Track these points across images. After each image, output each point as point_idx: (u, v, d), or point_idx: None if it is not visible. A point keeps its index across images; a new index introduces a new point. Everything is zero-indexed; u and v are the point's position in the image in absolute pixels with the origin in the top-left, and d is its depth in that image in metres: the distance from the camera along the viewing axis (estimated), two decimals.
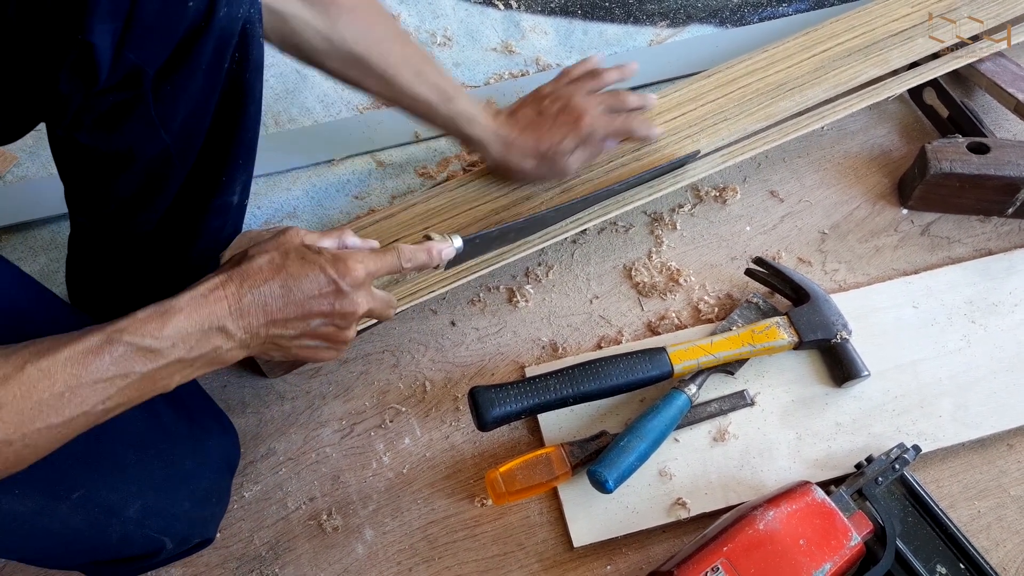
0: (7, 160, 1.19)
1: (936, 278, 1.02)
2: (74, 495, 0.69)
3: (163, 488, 0.78)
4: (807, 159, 1.15)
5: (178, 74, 0.68)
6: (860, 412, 0.93)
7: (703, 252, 1.07)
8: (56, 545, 0.73)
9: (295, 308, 0.65)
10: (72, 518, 0.70)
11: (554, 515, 0.90)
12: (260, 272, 0.64)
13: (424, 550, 0.89)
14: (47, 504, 0.68)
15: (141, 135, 0.71)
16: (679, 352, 0.91)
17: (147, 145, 0.72)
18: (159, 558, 0.83)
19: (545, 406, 0.88)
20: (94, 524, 0.72)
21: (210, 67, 0.70)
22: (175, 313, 0.60)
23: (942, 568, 0.83)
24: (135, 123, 0.70)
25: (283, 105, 1.24)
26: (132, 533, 0.76)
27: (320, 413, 0.97)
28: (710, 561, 0.76)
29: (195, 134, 0.75)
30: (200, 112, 0.73)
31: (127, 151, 0.72)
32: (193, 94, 0.71)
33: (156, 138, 0.72)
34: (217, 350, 0.63)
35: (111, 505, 0.73)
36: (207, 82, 0.71)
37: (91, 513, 0.71)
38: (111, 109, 0.69)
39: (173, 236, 0.83)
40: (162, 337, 0.59)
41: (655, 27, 1.32)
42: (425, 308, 1.04)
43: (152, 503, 0.76)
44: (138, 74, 0.65)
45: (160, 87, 0.68)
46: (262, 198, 1.13)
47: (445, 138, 1.21)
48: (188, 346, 0.61)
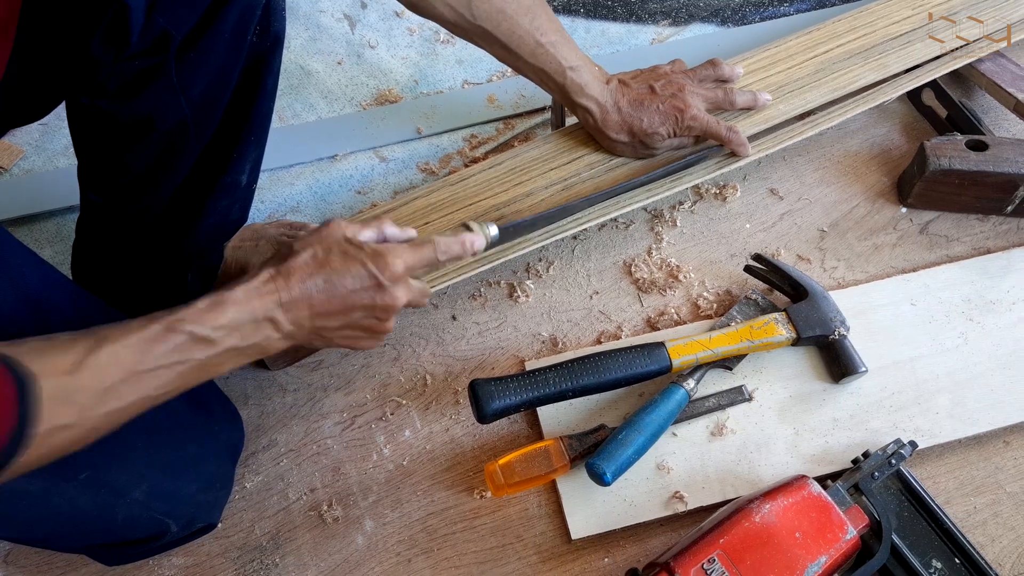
0: (14, 154, 1.20)
1: (934, 276, 1.03)
2: (82, 475, 0.71)
3: (170, 471, 0.79)
4: (807, 157, 1.16)
5: (202, 41, 0.70)
6: (857, 408, 0.94)
7: (703, 249, 1.08)
8: (63, 525, 0.75)
9: (338, 302, 0.69)
10: (80, 498, 0.72)
11: (552, 508, 0.91)
12: (305, 267, 0.68)
13: (423, 541, 0.90)
14: (55, 484, 0.70)
15: (162, 103, 0.73)
16: (678, 347, 0.92)
17: (167, 114, 0.74)
18: (163, 541, 0.84)
19: (544, 399, 0.89)
20: (101, 505, 0.74)
21: (233, 37, 0.72)
22: (230, 304, 0.65)
23: (937, 563, 0.83)
24: (157, 90, 0.72)
25: (287, 101, 1.25)
26: (138, 515, 0.77)
27: (321, 405, 0.98)
28: (706, 553, 0.77)
29: (214, 106, 0.76)
30: (220, 83, 0.75)
31: (147, 119, 0.74)
32: (215, 64, 0.73)
33: (176, 107, 0.74)
34: (267, 339, 0.67)
35: (118, 486, 0.74)
36: (229, 53, 0.73)
37: (98, 494, 0.73)
38: (136, 75, 0.70)
39: (181, 214, 0.84)
40: (218, 327, 0.64)
41: (657, 26, 1.33)
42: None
43: (158, 485, 0.78)
44: (166, 39, 0.67)
45: (184, 54, 0.70)
46: (266, 192, 1.14)
47: (447, 134, 1.22)
48: (241, 335, 0.65)
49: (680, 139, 1.00)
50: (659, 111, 0.97)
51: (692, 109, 0.98)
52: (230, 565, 0.89)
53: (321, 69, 1.29)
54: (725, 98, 1.02)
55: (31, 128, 1.23)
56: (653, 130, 0.98)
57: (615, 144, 1.01)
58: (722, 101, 1.02)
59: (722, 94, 1.02)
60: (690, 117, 0.98)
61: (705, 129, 0.99)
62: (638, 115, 0.98)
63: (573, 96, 0.98)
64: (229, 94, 0.77)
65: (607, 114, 0.98)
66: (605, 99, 0.98)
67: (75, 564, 0.89)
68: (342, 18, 1.35)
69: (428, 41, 1.33)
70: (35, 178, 1.18)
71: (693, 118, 0.98)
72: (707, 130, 0.99)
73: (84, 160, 0.84)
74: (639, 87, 0.99)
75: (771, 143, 1.07)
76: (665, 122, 0.98)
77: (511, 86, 1.25)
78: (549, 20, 0.94)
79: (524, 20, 0.91)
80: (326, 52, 1.31)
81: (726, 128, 1.00)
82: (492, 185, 1.04)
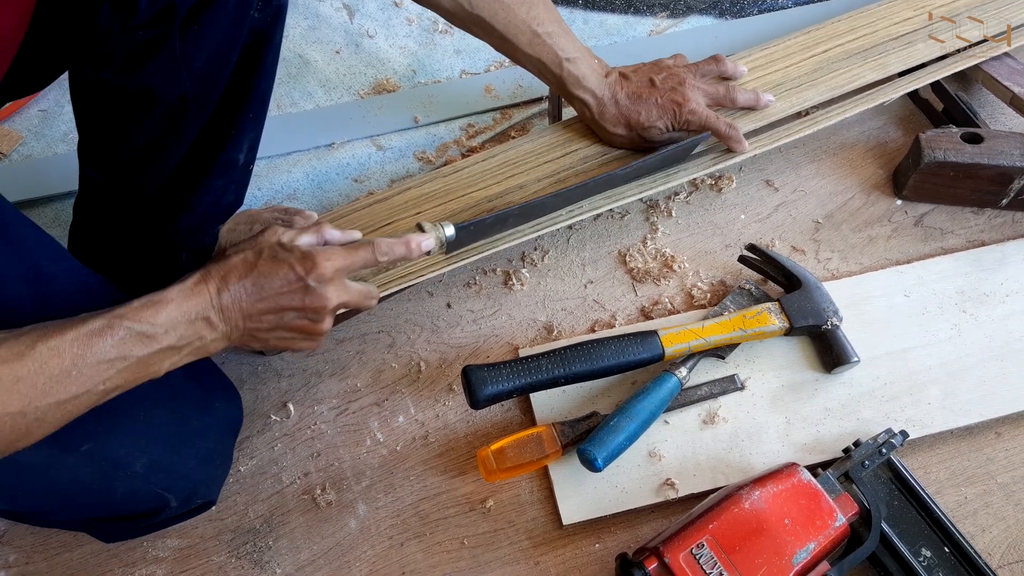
0: (13, 139, 1.21)
1: (928, 268, 1.03)
2: (83, 447, 0.72)
3: (170, 445, 0.81)
4: (803, 149, 1.16)
5: (206, 14, 0.71)
6: (849, 398, 0.94)
7: (697, 239, 1.08)
8: (64, 498, 0.76)
9: (267, 303, 0.71)
10: (80, 470, 0.73)
11: (544, 494, 0.91)
12: (235, 270, 0.71)
13: (416, 525, 0.90)
14: (56, 455, 0.71)
15: (165, 75, 0.73)
16: (671, 335, 0.92)
17: (169, 88, 0.75)
18: (162, 517, 0.85)
19: (537, 385, 0.89)
20: (101, 477, 0.75)
21: (236, 9, 0.73)
22: (167, 303, 0.67)
23: (927, 551, 0.84)
24: (160, 63, 0.72)
25: (285, 89, 1.25)
26: (138, 488, 0.78)
27: (316, 391, 0.99)
28: (696, 538, 0.77)
29: (214, 81, 0.77)
30: (222, 58, 0.76)
31: (149, 92, 0.75)
32: (217, 37, 0.73)
33: (178, 80, 0.74)
34: (203, 339, 0.70)
35: (119, 459, 0.76)
36: (231, 27, 0.73)
37: (99, 466, 0.74)
38: (141, 46, 0.71)
39: (178, 192, 0.85)
40: (156, 324, 0.66)
41: (655, 17, 1.33)
42: (421, 290, 1.05)
43: (159, 459, 0.79)
44: (171, 9, 0.68)
45: (188, 27, 0.71)
46: (263, 180, 1.15)
47: (444, 124, 1.22)
48: (178, 333, 0.68)
49: (679, 133, 1.00)
50: (657, 104, 0.97)
51: (691, 103, 0.98)
52: (223, 547, 0.90)
53: (319, 58, 1.29)
54: (726, 95, 1.02)
55: (30, 114, 1.24)
56: (651, 123, 0.98)
57: (613, 137, 1.01)
58: (723, 98, 1.01)
59: (723, 90, 1.01)
60: (688, 111, 0.97)
61: (704, 123, 0.99)
62: (636, 108, 0.98)
63: (570, 88, 0.98)
64: (230, 69, 0.78)
65: (604, 107, 0.99)
66: (602, 92, 0.98)
67: (70, 544, 0.90)
68: (341, 7, 1.35)
69: (426, 31, 1.33)
70: (34, 163, 1.18)
71: (692, 112, 0.98)
72: (706, 124, 0.99)
73: (85, 135, 0.84)
74: (639, 80, 0.99)
75: (768, 140, 1.06)
76: (663, 116, 0.98)
77: (508, 76, 1.26)
78: (547, 10, 0.94)
79: (521, 10, 0.92)
80: (324, 41, 1.32)
81: (725, 124, 0.99)
82: (485, 177, 1.04)
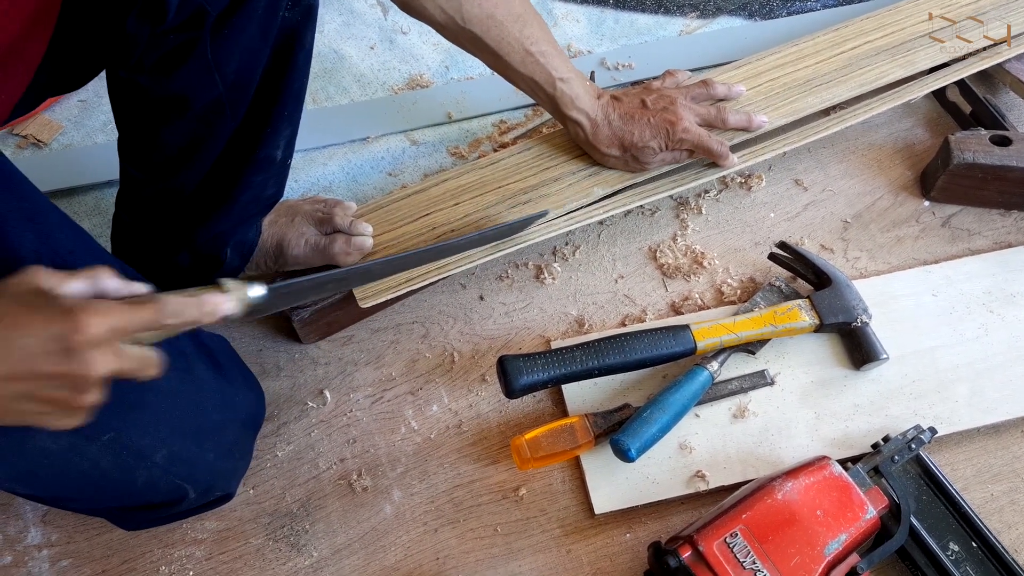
0: (53, 129, 1.23)
1: (956, 268, 1.04)
2: (105, 436, 0.72)
3: (190, 437, 0.81)
4: (832, 150, 1.17)
5: (236, 17, 0.71)
6: (877, 394, 0.95)
7: (727, 237, 1.10)
8: (85, 485, 0.76)
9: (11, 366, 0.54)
10: (102, 459, 0.73)
11: (576, 483, 0.93)
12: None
13: (450, 512, 0.92)
14: (78, 443, 0.71)
15: (197, 80, 0.74)
16: (703, 330, 0.94)
17: (202, 91, 0.75)
18: (180, 507, 0.86)
19: (571, 376, 0.91)
20: (122, 466, 0.75)
21: (266, 11, 0.73)
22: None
23: (955, 546, 0.85)
24: (192, 67, 0.73)
25: (321, 84, 1.27)
26: (158, 478, 0.79)
27: (352, 379, 1.00)
28: (729, 528, 0.79)
29: (247, 83, 0.77)
30: (253, 60, 0.76)
31: (183, 97, 0.75)
32: (248, 40, 0.73)
33: (211, 84, 0.75)
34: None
35: (140, 449, 0.75)
36: (262, 28, 0.73)
37: (120, 455, 0.74)
38: (172, 51, 0.71)
39: (217, 189, 0.86)
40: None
41: (685, 18, 1.35)
42: (454, 282, 1.07)
43: (179, 450, 0.79)
44: (201, 15, 0.68)
45: (218, 31, 0.71)
46: (299, 172, 1.17)
47: (477, 120, 1.24)
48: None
49: (672, 153, 1.00)
50: (650, 124, 0.98)
51: (684, 122, 0.98)
52: (261, 530, 0.91)
53: (354, 53, 1.31)
54: (717, 116, 1.02)
55: (70, 104, 1.26)
56: (644, 144, 0.98)
57: (606, 158, 1.02)
58: (714, 119, 1.02)
59: (715, 111, 1.02)
60: (682, 130, 0.98)
61: (696, 142, 0.99)
62: (629, 129, 0.98)
63: (563, 108, 0.98)
64: (261, 69, 0.78)
65: (598, 128, 0.99)
66: (596, 113, 0.98)
67: (109, 525, 0.91)
68: (375, 4, 1.37)
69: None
70: (74, 152, 1.20)
71: (685, 131, 0.98)
72: (698, 143, 0.99)
73: (123, 134, 0.85)
74: (631, 102, 1.00)
75: (797, 137, 1.08)
76: (656, 136, 0.98)
77: None
78: (540, 30, 0.94)
79: (514, 27, 0.92)
80: (359, 37, 1.34)
81: (717, 142, 1.00)
82: (520, 169, 1.06)
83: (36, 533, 0.91)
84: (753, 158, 1.06)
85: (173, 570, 0.89)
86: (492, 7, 0.90)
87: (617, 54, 1.29)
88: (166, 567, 0.89)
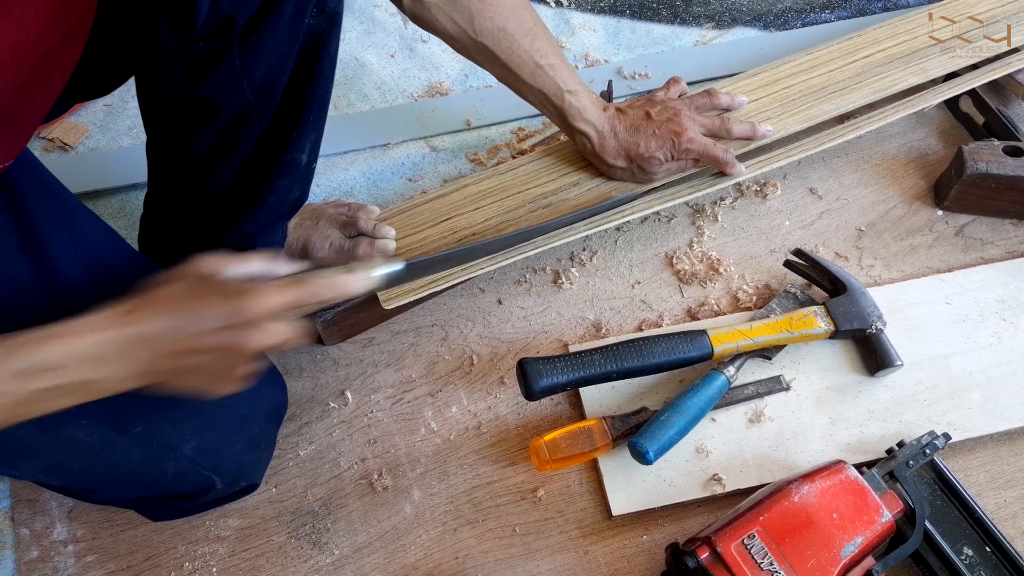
0: (79, 132, 1.25)
1: (969, 277, 1.05)
2: (136, 429, 0.75)
3: (218, 429, 0.83)
4: (846, 159, 1.19)
5: (263, 25, 0.72)
6: (892, 401, 0.96)
7: (743, 244, 1.11)
8: (115, 476, 0.79)
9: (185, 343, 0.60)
10: (132, 451, 0.76)
11: (593, 485, 0.94)
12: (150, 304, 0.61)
13: (468, 512, 0.93)
14: (110, 436, 0.73)
15: (226, 87, 0.75)
16: (719, 335, 0.95)
17: (230, 98, 0.77)
18: (208, 498, 0.88)
19: (589, 379, 0.92)
20: (152, 458, 0.78)
21: (292, 19, 0.74)
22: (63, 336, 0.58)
23: (968, 550, 0.86)
24: (221, 74, 0.74)
25: (342, 91, 1.29)
26: (186, 469, 0.81)
27: (373, 380, 1.02)
28: (747, 529, 0.80)
29: (274, 90, 0.79)
30: (280, 67, 0.77)
31: (212, 102, 0.77)
32: (275, 47, 0.75)
33: (239, 91, 0.76)
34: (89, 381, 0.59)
35: (169, 441, 0.78)
36: (288, 35, 0.75)
37: (150, 447, 0.77)
38: (201, 58, 0.73)
39: (244, 191, 0.87)
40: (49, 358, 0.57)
41: (700, 28, 1.37)
42: (473, 286, 1.09)
43: (207, 442, 0.81)
44: (229, 23, 0.70)
45: (246, 39, 0.72)
46: (321, 177, 1.19)
47: (495, 127, 1.26)
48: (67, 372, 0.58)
49: (678, 163, 1.02)
50: (655, 135, 0.99)
51: (688, 132, 0.99)
52: (283, 528, 0.93)
53: (375, 61, 1.33)
54: (722, 126, 1.03)
55: (96, 108, 1.28)
56: (650, 154, 0.99)
57: (613, 169, 1.03)
58: (718, 129, 1.03)
59: (719, 121, 1.03)
60: (687, 139, 0.99)
61: (702, 152, 1.00)
62: (635, 140, 0.99)
63: (571, 120, 0.99)
64: (287, 77, 0.79)
65: (604, 139, 1.00)
66: (602, 125, 1.00)
67: (134, 521, 0.93)
68: (396, 12, 1.40)
69: None
70: (99, 156, 1.22)
71: (690, 140, 0.99)
72: (704, 152, 1.00)
73: (152, 138, 0.87)
74: (635, 114, 1.01)
75: (812, 144, 1.10)
76: (662, 146, 0.99)
77: None
78: (549, 43, 0.96)
79: (525, 40, 0.93)
80: (380, 45, 1.36)
81: (722, 150, 1.01)
82: (540, 174, 1.07)
83: (62, 529, 0.93)
84: (768, 165, 1.07)
85: (197, 566, 0.91)
86: (503, 20, 0.91)
87: (634, 64, 1.31)
88: (190, 563, 0.91)
